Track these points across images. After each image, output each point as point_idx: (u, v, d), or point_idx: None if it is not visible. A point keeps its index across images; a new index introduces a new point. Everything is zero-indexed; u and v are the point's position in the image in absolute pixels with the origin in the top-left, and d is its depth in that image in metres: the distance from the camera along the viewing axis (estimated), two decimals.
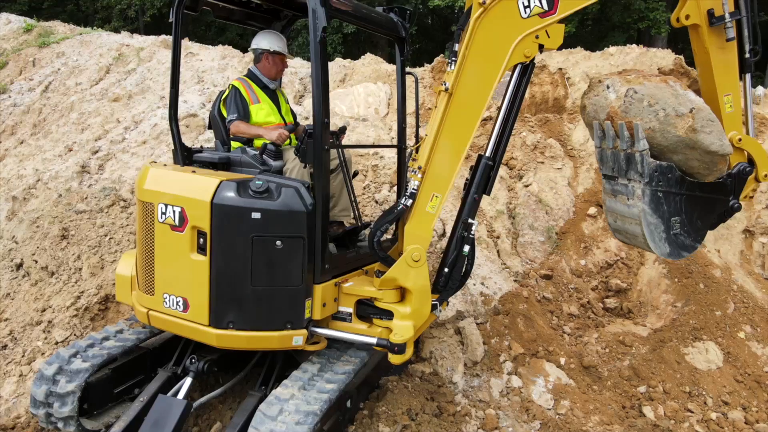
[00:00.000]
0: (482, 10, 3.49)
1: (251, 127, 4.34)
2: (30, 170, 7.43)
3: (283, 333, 3.64)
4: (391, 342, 3.68)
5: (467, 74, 3.60)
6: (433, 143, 3.66)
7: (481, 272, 5.79)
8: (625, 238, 4.02)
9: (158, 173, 3.87)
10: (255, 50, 4.58)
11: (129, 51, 10.08)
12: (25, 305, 5.47)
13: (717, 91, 3.74)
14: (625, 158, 3.65)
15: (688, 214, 3.78)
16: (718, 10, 3.61)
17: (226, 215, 3.51)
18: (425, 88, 8.92)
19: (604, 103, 3.74)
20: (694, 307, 5.63)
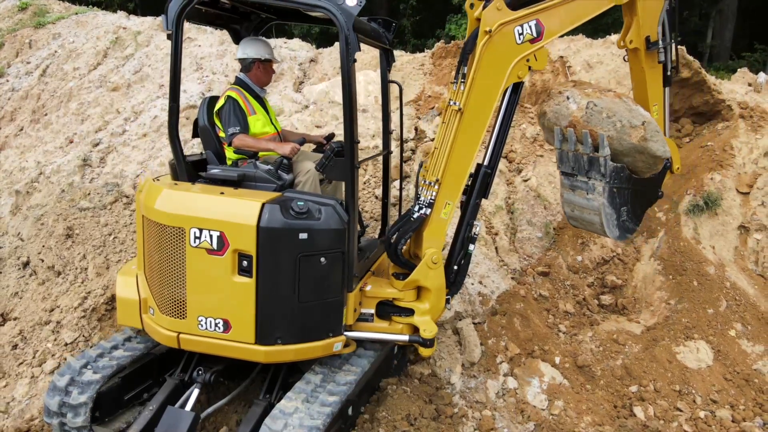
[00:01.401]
0: (488, 37, 3.90)
1: (260, 141, 4.36)
2: (32, 162, 7.48)
3: (326, 341, 3.92)
4: (423, 338, 4.15)
5: (475, 94, 4.01)
6: (448, 157, 4.09)
7: (479, 271, 5.91)
8: (581, 225, 4.91)
9: (183, 196, 3.80)
10: (244, 60, 4.56)
11: (126, 35, 9.99)
12: (34, 304, 5.60)
13: (648, 101, 4.69)
14: (588, 160, 4.42)
15: (632, 203, 4.68)
16: (653, 37, 4.50)
17: (273, 238, 3.63)
18: (425, 75, 8.89)
19: (566, 112, 4.45)
20: (687, 305, 5.76)
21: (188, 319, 3.76)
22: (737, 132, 6.84)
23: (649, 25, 4.48)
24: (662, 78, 4.73)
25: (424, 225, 4.27)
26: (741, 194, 6.49)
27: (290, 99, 8.46)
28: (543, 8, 4.02)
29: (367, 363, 4.25)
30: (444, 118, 4.18)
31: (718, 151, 6.78)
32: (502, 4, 3.90)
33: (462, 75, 4.02)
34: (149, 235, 3.90)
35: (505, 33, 3.93)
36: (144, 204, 3.93)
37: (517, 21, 3.95)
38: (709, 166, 6.65)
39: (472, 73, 3.96)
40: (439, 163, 4.16)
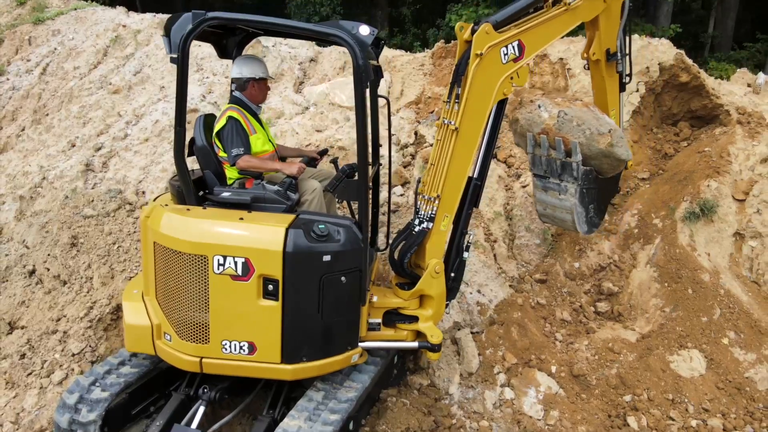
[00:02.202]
0: (479, 60, 4.15)
1: (265, 162, 4.43)
2: (35, 167, 7.54)
3: (346, 355, 4.15)
4: (431, 343, 4.46)
5: (468, 113, 4.26)
6: (446, 174, 4.34)
7: (477, 279, 6.01)
8: (552, 222, 5.57)
9: (203, 224, 3.85)
10: (239, 79, 4.60)
11: (126, 33, 9.98)
12: (40, 314, 5.71)
13: (608, 107, 5.37)
14: (561, 165, 5.06)
15: (598, 201, 5.36)
16: (612, 49, 5.16)
17: (298, 262, 3.78)
18: (425, 75, 8.91)
19: (538, 119, 5.06)
20: (682, 313, 5.87)
21: (211, 343, 3.86)
22: (734, 138, 6.89)
23: (610, 39, 5.11)
24: (618, 85, 5.39)
25: (426, 238, 4.52)
26: (737, 201, 6.56)
27: (290, 101, 8.50)
28: (524, 29, 4.33)
29: (368, 378, 4.37)
30: (439, 135, 4.42)
31: (715, 157, 6.84)
32: (490, 28, 4.15)
33: (456, 96, 4.23)
34: (165, 262, 3.93)
35: (492, 54, 4.20)
36: (156, 231, 3.94)
37: (503, 42, 4.23)
38: (705, 173, 6.71)
39: (465, 94, 4.19)
40: (437, 180, 4.39)
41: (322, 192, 4.69)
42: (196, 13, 3.82)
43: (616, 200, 7.03)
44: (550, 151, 5.08)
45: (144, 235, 4.09)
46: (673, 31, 16.41)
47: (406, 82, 8.88)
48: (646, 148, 7.50)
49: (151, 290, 4.09)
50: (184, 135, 4.04)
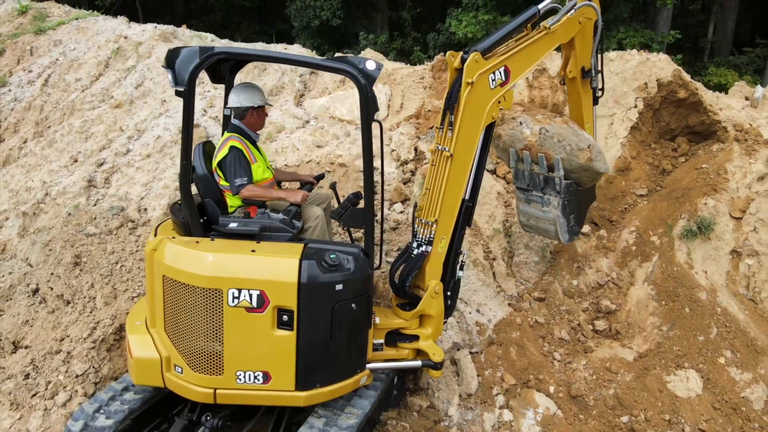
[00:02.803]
0: (470, 88, 4.34)
1: (269, 191, 4.49)
2: (37, 182, 7.59)
3: (355, 378, 4.27)
4: (434, 361, 4.68)
5: (461, 138, 4.44)
6: (443, 198, 4.52)
7: (476, 298, 6.07)
8: (535, 232, 5.90)
9: (217, 258, 3.89)
10: (238, 108, 4.64)
11: (127, 45, 10.02)
12: (44, 333, 5.77)
13: (583, 120, 5.68)
14: (543, 179, 5.40)
15: (578, 210, 5.68)
16: (587, 67, 5.50)
17: (313, 292, 3.88)
18: (425, 89, 8.95)
19: (521, 136, 5.37)
20: (679, 332, 5.93)
21: (225, 374, 3.92)
22: (732, 156, 6.95)
23: (585, 57, 5.44)
24: (592, 99, 5.73)
25: (425, 261, 4.70)
26: (734, 219, 6.62)
27: (291, 114, 8.54)
28: (510, 55, 4.56)
29: (368, 404, 4.43)
30: (433, 161, 4.60)
31: (712, 174, 6.89)
32: (479, 57, 4.35)
33: (449, 123, 4.39)
34: (175, 295, 3.96)
35: (482, 81, 4.39)
36: (165, 264, 3.96)
37: (491, 69, 4.43)
38: (703, 191, 6.76)
39: (458, 121, 4.35)
40: (434, 204, 4.59)
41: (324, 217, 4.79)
42: (203, 48, 3.86)
43: (614, 217, 7.10)
44: (533, 166, 5.40)
45: (150, 268, 4.10)
46: (672, 37, 16.47)
47: (406, 95, 8.93)
48: (645, 164, 7.56)
49: (158, 322, 4.12)
50: (189, 168, 4.08)
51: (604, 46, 5.49)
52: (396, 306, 4.93)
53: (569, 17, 5.05)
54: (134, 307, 4.78)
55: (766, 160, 6.84)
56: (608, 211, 7.11)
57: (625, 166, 7.40)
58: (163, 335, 4.10)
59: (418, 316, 4.80)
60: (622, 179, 7.34)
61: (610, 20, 16.44)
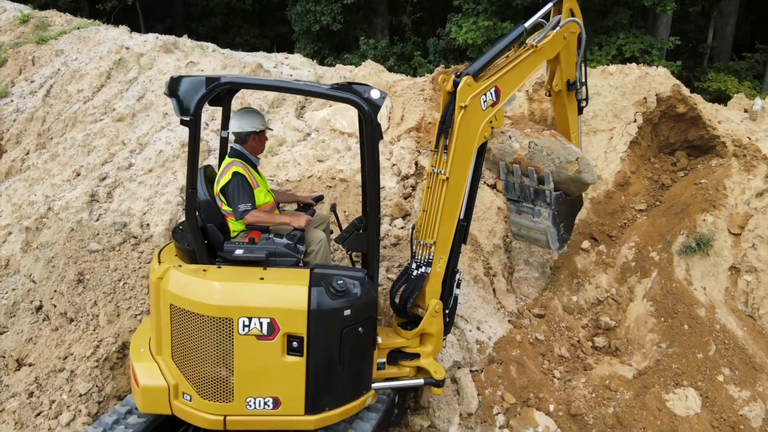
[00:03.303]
0: (463, 111, 4.42)
1: (274, 216, 4.54)
2: (40, 196, 7.63)
3: (362, 399, 4.34)
4: (436, 379, 4.80)
5: (456, 160, 4.54)
6: (440, 220, 4.61)
7: (477, 315, 6.11)
8: (526, 241, 6.11)
9: (226, 287, 3.93)
10: (239, 133, 4.67)
11: (129, 56, 10.06)
12: (48, 351, 5.81)
13: (569, 130, 5.84)
14: (534, 191, 5.57)
15: (566, 219, 5.88)
16: (572, 79, 5.63)
17: (322, 319, 3.95)
18: (426, 101, 8.99)
19: (510, 150, 5.51)
20: (678, 350, 5.97)
21: (236, 401, 3.97)
22: (730, 171, 6.99)
23: (570, 71, 5.57)
24: (577, 110, 5.86)
25: (425, 281, 4.80)
26: (733, 235, 6.66)
27: (292, 127, 8.58)
28: (499, 76, 4.67)
29: (370, 427, 4.47)
30: (429, 183, 4.70)
31: (711, 190, 6.93)
32: (471, 80, 4.44)
33: (444, 146, 4.50)
34: (184, 324, 3.98)
35: (474, 103, 4.48)
36: (173, 294, 3.98)
37: (483, 91, 4.52)
38: (702, 206, 6.80)
39: (453, 144, 4.45)
40: (431, 227, 4.68)
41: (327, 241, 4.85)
42: (210, 78, 3.88)
43: (614, 232, 7.14)
44: (523, 178, 5.59)
45: (156, 296, 4.11)
46: (672, 43, 16.51)
47: (406, 107, 8.96)
48: (644, 179, 7.60)
49: (165, 350, 4.13)
50: (195, 196, 4.11)
51: (587, 57, 5.70)
52: (397, 325, 5.03)
53: (555, 34, 5.17)
54: (136, 332, 4.80)
55: (764, 176, 6.88)
56: (608, 227, 7.15)
57: (624, 181, 7.44)
58: (170, 363, 4.11)
59: (419, 334, 4.91)
60: (621, 194, 7.38)
61: (610, 26, 16.47)
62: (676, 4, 16.41)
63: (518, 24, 5.06)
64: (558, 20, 5.25)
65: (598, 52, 16.20)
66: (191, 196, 4.07)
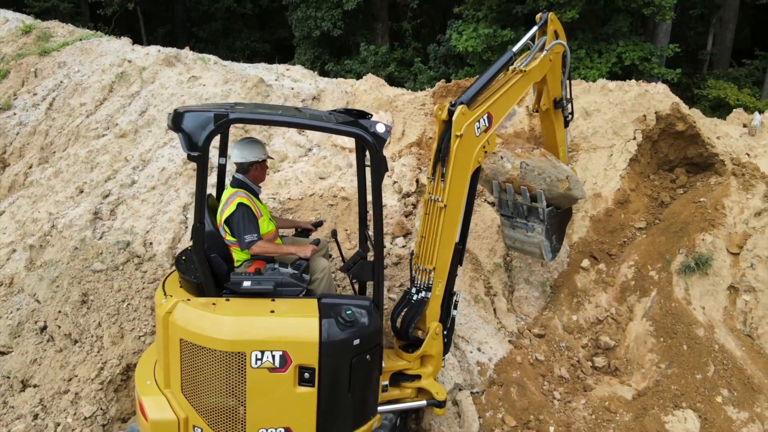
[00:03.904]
0: (459, 139, 4.55)
1: (280, 247, 4.60)
2: (44, 213, 7.68)
3: (369, 423, 4.40)
4: (438, 400, 4.93)
5: (453, 187, 4.66)
6: (439, 246, 4.73)
7: (477, 336, 6.16)
8: (521, 252, 6.36)
9: (238, 321, 3.98)
10: (242, 164, 4.72)
11: (131, 69, 10.11)
12: (52, 372, 5.87)
13: (557, 144, 6.11)
14: (527, 208, 5.83)
15: (558, 231, 6.16)
16: (558, 97, 5.84)
17: (333, 350, 4.02)
18: (426, 116, 9.03)
19: (502, 170, 5.76)
20: (677, 370, 6.03)
21: None
22: (729, 190, 7.04)
23: (556, 89, 5.78)
24: (563, 124, 6.08)
25: (426, 306, 4.94)
26: (731, 255, 6.71)
27: (294, 142, 8.64)
28: (492, 102, 4.81)
29: None
30: (426, 210, 4.83)
31: (710, 209, 6.98)
32: (466, 109, 4.58)
33: (441, 174, 4.62)
34: (195, 358, 4.01)
35: (469, 131, 4.61)
36: (183, 329, 4.01)
37: (476, 118, 4.66)
38: (701, 226, 6.86)
39: (450, 172, 4.58)
40: (430, 253, 4.80)
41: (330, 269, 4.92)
42: (218, 115, 3.90)
43: (613, 251, 7.19)
44: (516, 196, 5.84)
45: (165, 331, 4.12)
46: (671, 51, 16.55)
47: (407, 122, 9.02)
48: (643, 196, 7.65)
49: (174, 383, 4.14)
50: (203, 231, 4.15)
51: (571, 74, 5.88)
52: (398, 348, 5.14)
53: (542, 58, 5.34)
54: (140, 361, 4.84)
55: (762, 195, 6.94)
56: (607, 245, 7.20)
57: (624, 199, 7.49)
58: (179, 396, 4.13)
59: (420, 356, 5.02)
60: (621, 212, 7.43)
61: (610, 34, 16.51)
62: (675, 12, 16.47)
63: (506, 50, 5.23)
64: (543, 42, 5.43)
65: (598, 60, 16.26)
66: (199, 230, 4.10)
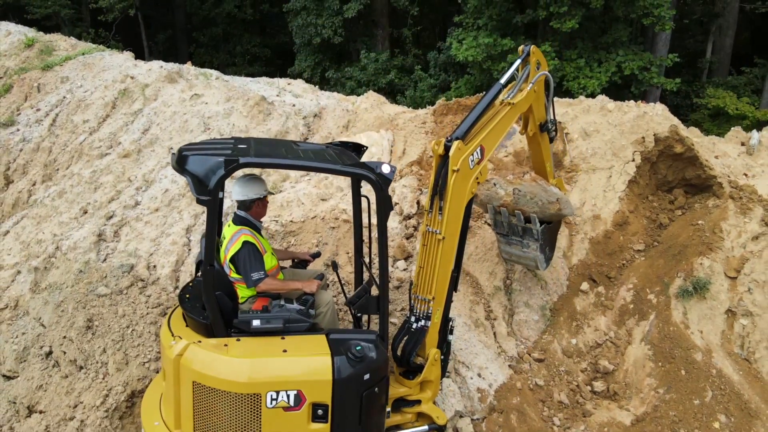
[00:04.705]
0: (456, 174, 4.76)
1: (287, 283, 4.69)
2: (48, 234, 7.75)
3: None
4: (438, 425, 5.07)
5: (449, 219, 4.84)
6: (437, 276, 4.90)
7: (478, 362, 6.23)
8: (516, 263, 6.74)
9: (252, 363, 4.08)
10: (244, 201, 4.79)
11: (134, 86, 10.17)
12: (58, 398, 5.94)
13: (544, 162, 6.34)
14: (522, 229, 6.20)
15: (550, 242, 6.53)
16: (544, 122, 6.07)
17: (345, 386, 4.14)
18: (427, 134, 9.11)
19: (496, 195, 6.15)
20: (675, 396, 6.10)
21: None
22: (727, 214, 7.11)
23: (541, 115, 6.02)
24: (548, 142, 6.31)
25: (426, 334, 5.09)
26: (729, 278, 6.78)
27: None
28: (483, 136, 5.03)
29: None
30: (424, 241, 4.99)
31: (708, 232, 7.06)
32: (461, 144, 4.80)
33: (439, 208, 4.82)
34: (208, 400, 4.06)
35: (465, 164, 4.83)
36: (196, 372, 4.06)
37: (470, 152, 4.87)
38: (699, 249, 6.93)
39: (447, 205, 4.76)
40: (429, 283, 4.99)
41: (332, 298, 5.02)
42: (229, 160, 3.97)
43: (612, 273, 7.27)
44: (511, 218, 6.19)
45: (176, 373, 4.16)
46: (671, 60, 16.61)
47: (408, 140, 9.08)
48: (642, 218, 7.72)
49: (186, 425, 4.17)
50: (213, 274, 4.22)
51: (553, 99, 6.14)
52: (399, 375, 5.26)
53: (528, 90, 5.58)
54: (145, 397, 4.90)
55: (760, 219, 7.01)
56: (606, 267, 7.28)
57: (623, 221, 7.56)
58: None
59: (420, 382, 5.15)
60: (620, 234, 7.50)
61: (609, 43, 16.56)
62: (674, 22, 16.52)
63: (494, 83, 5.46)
64: (528, 73, 5.67)
65: (597, 69, 16.32)
66: (210, 273, 4.18)
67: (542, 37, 17.01)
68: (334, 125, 9.36)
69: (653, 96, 18.22)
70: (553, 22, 15.71)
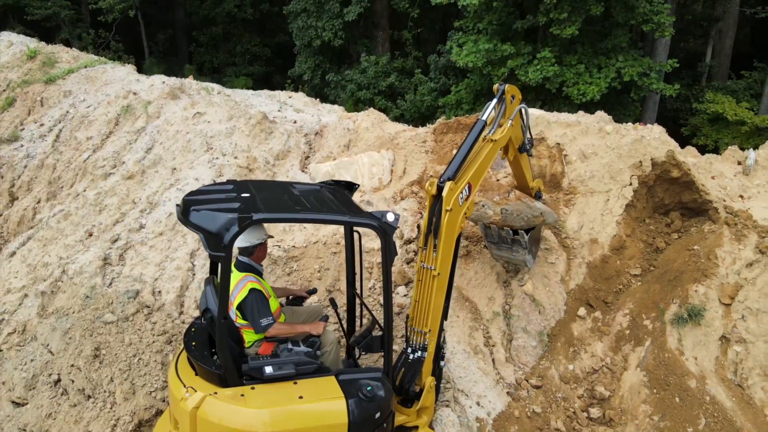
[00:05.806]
0: (449, 213, 5.04)
1: (295, 327, 4.84)
2: (54, 257, 7.88)
3: None
4: None
5: (443, 256, 5.14)
6: (432, 310, 5.19)
7: (476, 390, 6.38)
8: (506, 263, 7.41)
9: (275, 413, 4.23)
10: (247, 247, 4.88)
11: (136, 102, 10.26)
12: (67, 427, 6.10)
13: (525, 176, 6.83)
14: (510, 239, 6.74)
15: (535, 243, 7.17)
16: (521, 144, 6.44)
17: (360, 426, 4.36)
18: (427, 153, 9.21)
19: (485, 215, 6.58)
20: (669, 423, 6.25)
21: None
22: (722, 240, 7.22)
23: (519, 140, 6.38)
24: (528, 158, 6.72)
25: (423, 364, 5.37)
26: (723, 305, 6.91)
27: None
28: (471, 173, 5.32)
29: None
30: (419, 276, 5.23)
31: (703, 258, 7.18)
32: (453, 185, 5.09)
33: (434, 245, 5.06)
34: None
35: (455, 202, 5.11)
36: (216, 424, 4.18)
37: (460, 191, 5.14)
38: (694, 276, 7.05)
39: (441, 243, 5.04)
40: (424, 316, 5.26)
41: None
42: (242, 218, 4.07)
43: (609, 298, 7.39)
44: (501, 232, 6.72)
45: (192, 426, 4.22)
46: (670, 66, 16.67)
47: (408, 159, 9.19)
48: (639, 242, 7.84)
49: None
50: (226, 327, 4.38)
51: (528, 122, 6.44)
52: (397, 404, 5.44)
53: (507, 127, 5.84)
54: None
55: (754, 246, 7.12)
56: (603, 292, 7.41)
57: (620, 245, 7.68)
58: None
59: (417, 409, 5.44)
60: (617, 258, 7.62)
61: (609, 48, 16.60)
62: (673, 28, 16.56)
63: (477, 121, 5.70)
64: (504, 108, 5.98)
65: (597, 75, 16.37)
66: (222, 327, 4.31)
67: (542, 42, 17.04)
68: (335, 144, 9.46)
69: (652, 101, 18.29)
70: (553, 28, 15.72)
